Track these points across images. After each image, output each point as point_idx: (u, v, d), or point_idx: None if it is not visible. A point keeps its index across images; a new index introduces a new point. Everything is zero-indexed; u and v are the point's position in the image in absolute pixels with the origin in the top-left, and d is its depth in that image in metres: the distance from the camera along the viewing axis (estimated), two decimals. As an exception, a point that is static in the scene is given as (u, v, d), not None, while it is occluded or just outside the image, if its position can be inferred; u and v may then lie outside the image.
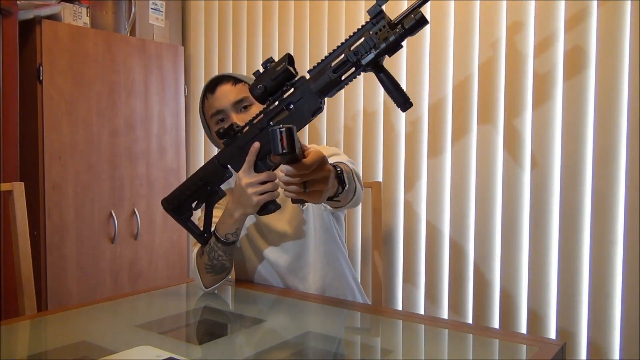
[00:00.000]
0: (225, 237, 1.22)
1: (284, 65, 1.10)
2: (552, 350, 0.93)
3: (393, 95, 1.08)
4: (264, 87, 1.11)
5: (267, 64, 1.12)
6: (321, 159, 0.92)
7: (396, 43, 1.04)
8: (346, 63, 1.07)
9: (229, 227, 1.22)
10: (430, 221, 1.83)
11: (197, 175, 1.22)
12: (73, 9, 2.10)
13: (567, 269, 1.57)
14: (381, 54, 1.05)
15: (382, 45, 1.04)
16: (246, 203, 1.15)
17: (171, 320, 1.17)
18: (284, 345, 0.99)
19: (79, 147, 2.08)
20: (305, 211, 1.39)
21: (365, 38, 1.05)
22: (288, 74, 1.10)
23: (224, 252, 1.24)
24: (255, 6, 2.30)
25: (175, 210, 1.24)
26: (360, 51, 1.05)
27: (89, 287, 2.11)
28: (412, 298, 1.88)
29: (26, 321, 1.15)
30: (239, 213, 1.18)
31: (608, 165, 1.50)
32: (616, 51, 1.48)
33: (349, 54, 1.06)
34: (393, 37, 1.03)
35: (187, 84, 2.54)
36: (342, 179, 1.05)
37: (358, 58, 1.06)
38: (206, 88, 1.40)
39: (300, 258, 1.40)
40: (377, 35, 1.04)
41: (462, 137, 1.75)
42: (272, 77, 1.10)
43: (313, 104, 1.10)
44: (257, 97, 1.13)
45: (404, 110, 1.08)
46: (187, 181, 1.23)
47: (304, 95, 1.10)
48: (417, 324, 1.13)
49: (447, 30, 1.77)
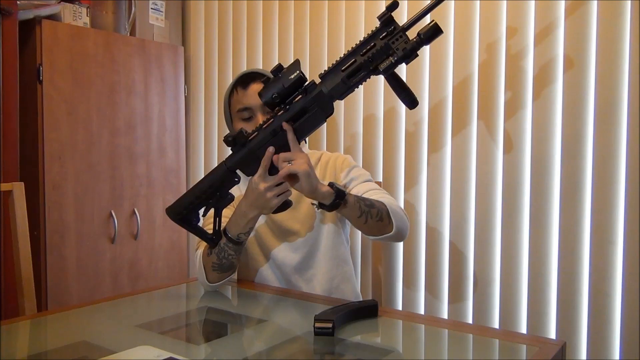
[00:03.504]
0: (237, 237, 1.23)
1: (297, 73, 1.11)
2: (552, 350, 0.93)
3: (402, 97, 1.13)
4: (277, 95, 1.12)
5: (277, 72, 1.13)
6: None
7: (412, 51, 1.08)
8: (360, 69, 1.09)
9: (242, 228, 1.22)
10: (430, 221, 1.83)
11: (206, 182, 1.20)
12: (73, 9, 2.10)
13: (567, 269, 1.57)
14: (399, 62, 1.09)
15: (400, 54, 1.08)
16: (264, 205, 1.16)
17: (171, 320, 1.17)
18: (284, 345, 0.99)
19: (79, 147, 2.08)
20: (320, 213, 1.40)
21: (381, 45, 1.08)
22: (302, 81, 1.12)
23: (235, 251, 1.25)
24: (255, 6, 2.29)
25: (183, 219, 1.23)
26: (376, 58, 1.08)
27: (89, 287, 2.11)
28: (412, 298, 1.88)
29: (26, 321, 1.15)
30: (254, 214, 1.19)
31: (608, 165, 1.50)
32: (616, 51, 1.48)
33: (365, 60, 1.08)
34: (411, 46, 1.08)
35: (187, 84, 2.53)
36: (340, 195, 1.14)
37: (375, 65, 1.09)
38: (238, 81, 1.41)
39: (309, 258, 1.40)
40: (395, 45, 1.08)
41: (462, 137, 1.75)
42: (285, 84, 1.11)
43: (326, 109, 1.13)
44: (269, 104, 1.14)
45: (412, 108, 1.14)
46: (195, 189, 1.22)
47: (316, 100, 1.12)
48: (417, 324, 1.13)
49: (447, 30, 1.77)
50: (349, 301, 1.16)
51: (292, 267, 1.40)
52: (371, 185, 1.40)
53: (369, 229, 1.24)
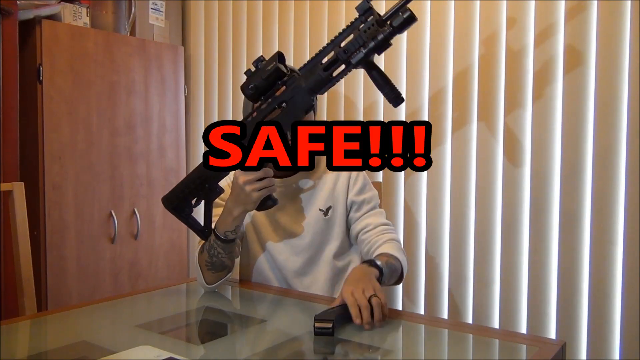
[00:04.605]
0: (224, 235, 1.23)
1: (274, 64, 1.10)
2: (552, 350, 0.93)
3: (384, 92, 1.09)
4: (255, 87, 1.11)
5: (257, 62, 1.12)
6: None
7: (385, 41, 1.05)
8: (336, 61, 1.08)
9: (228, 225, 1.23)
10: (430, 221, 1.83)
11: (195, 173, 1.23)
12: (73, 9, 2.10)
13: (567, 269, 1.57)
14: (370, 52, 1.05)
15: (371, 44, 1.04)
16: (245, 200, 1.17)
17: (171, 320, 1.17)
18: (284, 345, 0.99)
19: (79, 147, 2.08)
20: (328, 219, 1.39)
21: (355, 36, 1.06)
22: (279, 73, 1.11)
23: (224, 250, 1.25)
24: (255, 6, 2.29)
25: (176, 208, 1.25)
26: (350, 49, 1.06)
27: (89, 287, 2.11)
28: (412, 298, 1.88)
29: (26, 321, 1.15)
30: (238, 210, 1.20)
31: (608, 165, 1.50)
32: (616, 51, 1.48)
33: (339, 52, 1.07)
34: (382, 36, 1.04)
35: (187, 84, 2.54)
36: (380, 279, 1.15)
37: (348, 56, 1.06)
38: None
39: (310, 264, 1.39)
40: (367, 34, 1.04)
41: (461, 134, 1.75)
42: (263, 76, 1.11)
43: (305, 102, 1.11)
44: (249, 96, 1.14)
45: (396, 105, 1.09)
46: (186, 179, 1.24)
47: (296, 93, 1.11)
48: (417, 324, 1.13)
49: (447, 25, 1.77)
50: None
51: (293, 270, 1.39)
52: (381, 219, 1.40)
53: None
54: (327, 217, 1.39)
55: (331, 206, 1.39)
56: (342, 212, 1.40)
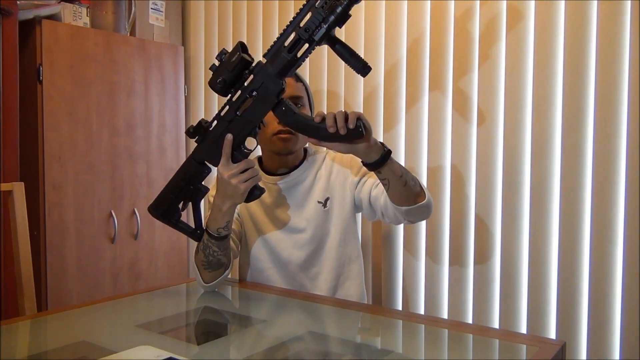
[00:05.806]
0: (217, 232, 1.23)
1: (239, 54, 1.10)
2: (552, 350, 0.93)
3: (351, 64, 1.09)
4: (223, 80, 1.11)
5: (221, 56, 1.12)
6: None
7: (344, 13, 1.05)
8: (299, 41, 1.08)
9: (219, 222, 1.23)
10: (430, 221, 1.83)
11: (178, 176, 1.23)
12: (73, 9, 2.10)
13: (567, 268, 1.57)
14: (332, 26, 1.06)
15: (331, 18, 1.05)
16: (233, 193, 1.17)
17: (171, 320, 1.17)
18: (284, 345, 0.99)
19: (79, 147, 2.08)
20: (327, 211, 1.40)
21: (313, 13, 1.06)
22: (244, 63, 1.11)
23: (219, 248, 1.25)
24: (255, 6, 2.29)
25: (164, 215, 1.25)
26: (310, 27, 1.06)
27: (89, 287, 2.11)
28: (412, 298, 1.88)
29: (26, 321, 1.15)
30: (227, 205, 1.20)
31: (608, 164, 1.50)
32: (616, 51, 1.48)
33: (300, 31, 1.07)
34: (340, 8, 1.04)
35: (187, 84, 2.54)
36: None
37: (310, 34, 1.06)
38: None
39: (314, 256, 1.41)
40: (324, 9, 1.05)
41: (462, 135, 1.75)
42: (229, 68, 1.11)
43: (275, 87, 1.11)
44: (218, 91, 1.14)
45: (364, 75, 1.10)
46: (169, 185, 1.24)
47: (265, 79, 1.11)
48: (417, 324, 1.13)
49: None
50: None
51: (298, 265, 1.40)
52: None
53: (406, 194, 1.22)
54: (326, 209, 1.40)
55: (329, 197, 1.42)
56: (339, 200, 1.41)
